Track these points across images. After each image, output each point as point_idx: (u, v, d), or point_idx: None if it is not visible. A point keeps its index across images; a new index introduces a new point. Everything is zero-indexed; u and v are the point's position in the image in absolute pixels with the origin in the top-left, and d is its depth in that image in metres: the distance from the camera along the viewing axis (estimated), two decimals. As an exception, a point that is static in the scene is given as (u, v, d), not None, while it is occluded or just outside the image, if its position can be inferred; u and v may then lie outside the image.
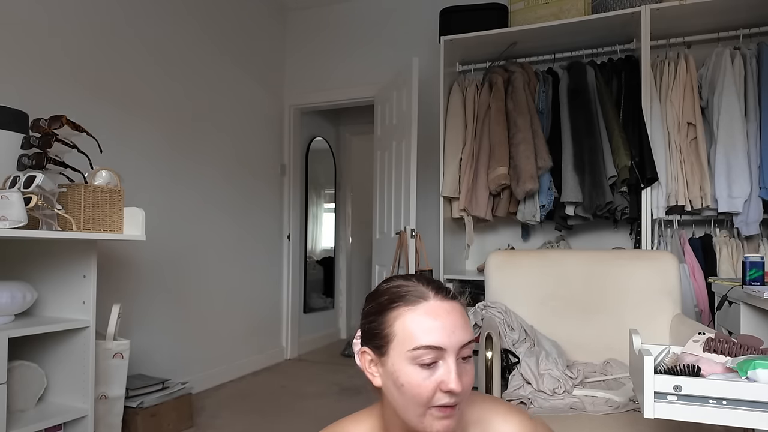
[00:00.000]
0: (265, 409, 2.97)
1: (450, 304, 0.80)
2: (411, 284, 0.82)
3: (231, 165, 3.63)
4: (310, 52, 4.23)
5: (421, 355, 0.77)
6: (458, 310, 0.81)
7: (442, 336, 0.77)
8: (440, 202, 3.16)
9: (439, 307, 0.79)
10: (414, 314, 0.78)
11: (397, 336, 0.78)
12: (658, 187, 2.74)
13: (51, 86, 2.43)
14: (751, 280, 1.80)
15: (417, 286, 0.81)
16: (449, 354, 0.77)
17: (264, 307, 4.00)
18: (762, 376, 0.98)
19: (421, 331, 0.77)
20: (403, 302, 0.80)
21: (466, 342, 0.79)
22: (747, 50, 2.70)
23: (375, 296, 0.86)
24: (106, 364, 2.12)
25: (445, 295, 0.81)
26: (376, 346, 0.82)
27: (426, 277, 0.84)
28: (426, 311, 0.78)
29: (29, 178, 1.76)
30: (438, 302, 0.80)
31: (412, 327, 0.78)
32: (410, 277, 0.85)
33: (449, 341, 0.77)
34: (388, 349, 0.79)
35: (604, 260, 2.06)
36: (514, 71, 3.05)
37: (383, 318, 0.81)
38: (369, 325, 0.83)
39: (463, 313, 0.82)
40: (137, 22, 2.90)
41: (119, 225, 2.00)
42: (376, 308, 0.83)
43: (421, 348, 0.76)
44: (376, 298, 0.85)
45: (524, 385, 1.69)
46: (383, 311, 0.81)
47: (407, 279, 0.84)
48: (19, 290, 1.85)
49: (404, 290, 0.81)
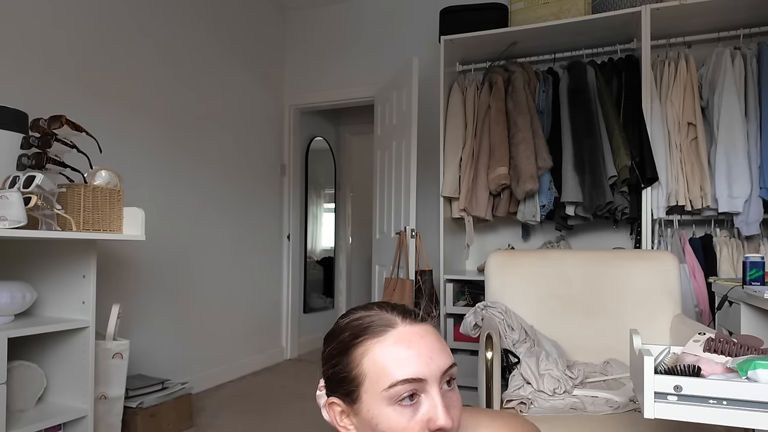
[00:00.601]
0: (265, 409, 2.97)
1: (421, 327, 0.71)
2: (373, 313, 0.73)
3: (231, 165, 3.63)
4: (310, 52, 4.23)
5: (400, 392, 0.66)
6: (432, 333, 0.72)
7: (420, 365, 0.67)
8: (440, 202, 3.16)
9: (411, 333, 0.70)
10: (383, 346, 0.68)
11: (368, 375, 0.68)
12: (659, 187, 2.74)
13: (51, 86, 2.43)
14: (751, 280, 1.79)
15: (380, 314, 0.72)
16: (431, 385, 0.68)
17: (264, 307, 4.00)
18: (762, 376, 0.98)
19: (395, 363, 0.67)
20: (368, 335, 0.70)
21: (447, 367, 0.70)
22: (747, 50, 2.70)
23: (334, 335, 0.75)
24: (105, 364, 2.12)
25: (414, 318, 0.72)
26: (345, 392, 0.71)
27: (389, 303, 0.75)
28: (396, 340, 0.68)
29: (29, 178, 1.75)
30: (408, 327, 0.70)
31: (384, 361, 0.67)
32: (371, 306, 0.75)
33: (428, 370, 0.67)
34: (360, 393, 0.68)
35: (605, 260, 2.05)
36: (514, 71, 3.05)
37: (348, 358, 0.70)
38: (333, 369, 0.73)
39: (438, 335, 0.73)
40: (137, 24, 2.90)
41: (119, 225, 2.00)
42: (338, 348, 0.72)
43: (398, 383, 0.66)
44: (336, 337, 0.74)
45: (524, 386, 1.69)
46: (347, 350, 0.71)
47: (368, 309, 0.75)
48: (19, 290, 1.84)
49: (367, 321, 0.71)
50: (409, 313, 0.73)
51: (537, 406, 1.58)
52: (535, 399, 1.62)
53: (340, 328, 0.74)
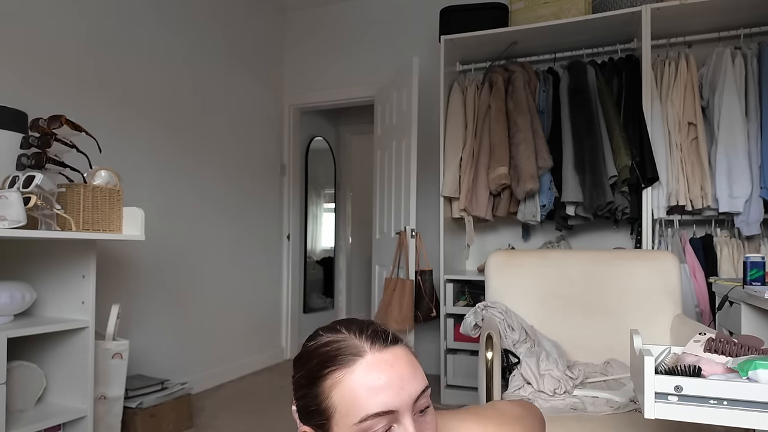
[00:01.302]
0: (265, 409, 2.97)
1: (391, 352, 0.68)
2: (341, 338, 0.69)
3: (231, 165, 3.63)
4: (309, 52, 4.22)
5: (371, 426, 0.64)
6: (402, 357, 0.68)
7: (391, 395, 0.64)
8: (440, 202, 3.15)
9: (381, 361, 0.66)
10: (352, 377, 0.65)
11: (338, 409, 0.65)
12: (659, 186, 2.74)
13: (51, 86, 2.43)
14: (751, 280, 1.79)
15: (348, 340, 0.68)
16: (403, 415, 0.65)
17: (264, 307, 4.00)
18: (763, 376, 0.98)
19: (365, 396, 0.64)
20: (336, 365, 0.66)
21: (419, 393, 0.67)
22: (748, 50, 2.70)
23: (302, 361, 0.72)
24: (105, 364, 2.12)
25: (384, 342, 0.68)
26: (316, 425, 0.68)
27: (357, 323, 0.71)
28: (366, 370, 0.65)
29: (28, 178, 1.75)
30: (377, 355, 0.66)
31: (353, 394, 0.64)
32: (338, 328, 0.71)
33: (399, 399, 0.65)
34: (331, 426, 0.66)
35: (605, 260, 2.05)
36: (514, 71, 3.05)
37: (317, 390, 0.67)
38: (302, 401, 0.70)
39: (409, 357, 0.69)
40: (137, 24, 2.90)
41: (118, 225, 2.00)
42: (306, 378, 0.69)
43: (369, 418, 0.64)
44: (304, 364, 0.71)
45: (525, 386, 1.69)
46: (315, 381, 0.68)
47: (335, 332, 0.71)
48: (19, 290, 1.84)
49: (335, 348, 0.68)
50: (379, 336, 0.69)
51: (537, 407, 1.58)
52: (535, 399, 1.62)
53: (308, 353, 0.71)
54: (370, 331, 0.69)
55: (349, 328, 0.71)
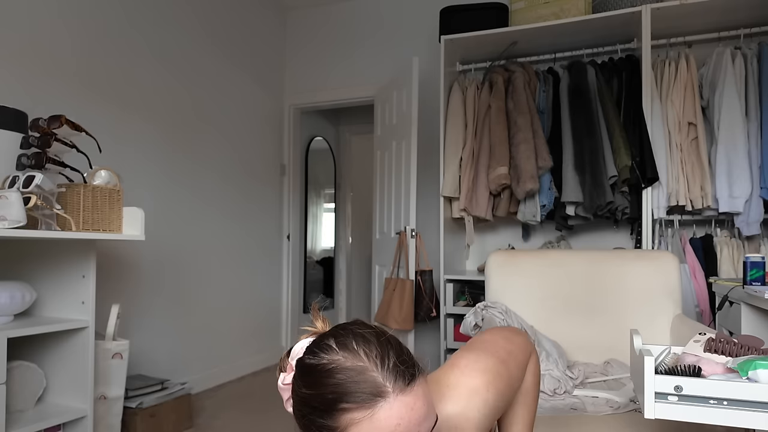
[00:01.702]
0: (265, 409, 2.97)
1: (413, 393, 0.64)
2: (360, 367, 0.63)
3: (231, 165, 3.63)
4: (310, 52, 4.22)
5: None
6: (421, 396, 0.65)
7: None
8: (440, 202, 3.15)
9: (403, 406, 0.62)
10: (372, 423, 0.61)
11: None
12: (659, 187, 2.74)
13: (51, 86, 2.43)
14: (751, 280, 1.79)
15: (368, 371, 0.63)
16: None
17: (264, 307, 4.00)
18: (763, 376, 0.98)
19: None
20: (355, 402, 0.62)
21: (431, 428, 0.66)
22: (748, 50, 2.70)
23: (312, 379, 0.66)
24: (105, 364, 2.12)
25: (406, 380, 0.64)
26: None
27: (375, 344, 0.66)
28: (387, 415, 0.61)
29: (28, 178, 1.75)
30: (400, 399, 0.62)
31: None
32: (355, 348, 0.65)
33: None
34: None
35: (605, 260, 2.05)
36: (514, 71, 3.05)
37: (331, 422, 0.63)
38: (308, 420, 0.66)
39: (426, 393, 0.66)
40: (137, 22, 2.90)
41: (118, 225, 2.00)
42: (318, 402, 0.64)
43: None
44: (314, 383, 0.65)
45: (524, 386, 1.69)
46: (329, 411, 0.63)
47: (352, 353, 0.65)
48: (19, 290, 1.84)
49: (353, 380, 0.62)
50: (401, 372, 0.64)
51: (537, 407, 1.58)
52: (535, 399, 1.62)
53: (319, 373, 0.65)
54: (392, 363, 0.64)
55: (368, 352, 0.65)
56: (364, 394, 0.62)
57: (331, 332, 0.70)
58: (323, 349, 0.67)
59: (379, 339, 0.67)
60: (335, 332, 0.69)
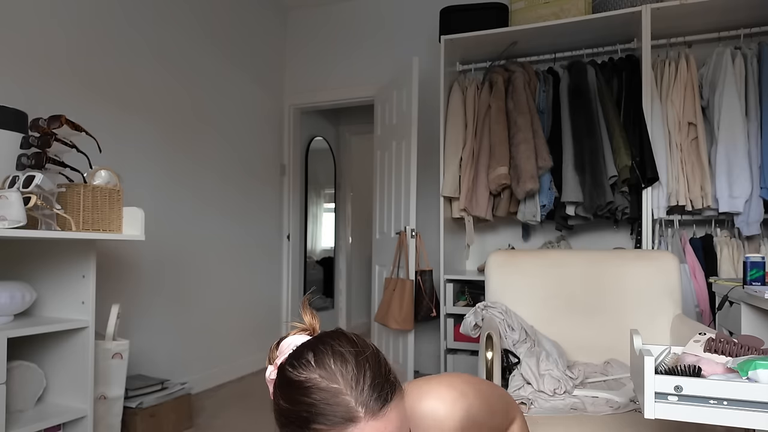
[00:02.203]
0: (264, 409, 2.96)
1: (385, 419, 0.64)
2: (334, 389, 0.64)
3: (231, 165, 3.63)
4: (310, 52, 4.23)
5: None
6: (393, 421, 0.65)
7: None
8: (440, 202, 3.15)
9: (374, 431, 0.63)
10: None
11: None
12: (659, 186, 2.74)
13: (50, 86, 2.43)
14: (751, 280, 1.79)
15: (341, 395, 0.64)
16: None
17: (264, 307, 4.00)
18: (763, 376, 0.98)
19: None
20: (325, 424, 0.63)
21: None
22: (748, 50, 2.70)
23: (291, 394, 0.67)
24: (105, 364, 2.12)
25: (379, 404, 0.64)
26: None
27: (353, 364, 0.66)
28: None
29: (28, 178, 1.75)
30: (372, 423, 0.63)
31: None
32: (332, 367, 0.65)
33: None
34: None
35: (605, 260, 2.05)
36: (514, 71, 3.05)
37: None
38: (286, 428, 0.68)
39: (400, 418, 0.67)
40: (137, 22, 2.90)
41: (118, 225, 2.00)
42: (294, 418, 0.66)
43: None
44: (292, 399, 0.67)
45: (525, 386, 1.69)
46: (302, 428, 0.65)
47: (328, 372, 0.65)
48: (19, 290, 1.84)
49: (325, 402, 0.63)
50: (375, 396, 0.64)
51: (537, 407, 1.58)
52: (535, 399, 1.62)
53: (296, 388, 0.66)
54: (366, 387, 0.64)
55: (344, 373, 0.65)
56: (336, 417, 0.63)
57: (313, 344, 0.70)
58: (302, 365, 0.67)
59: (357, 358, 0.67)
60: (316, 346, 0.69)
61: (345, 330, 0.74)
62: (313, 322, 0.78)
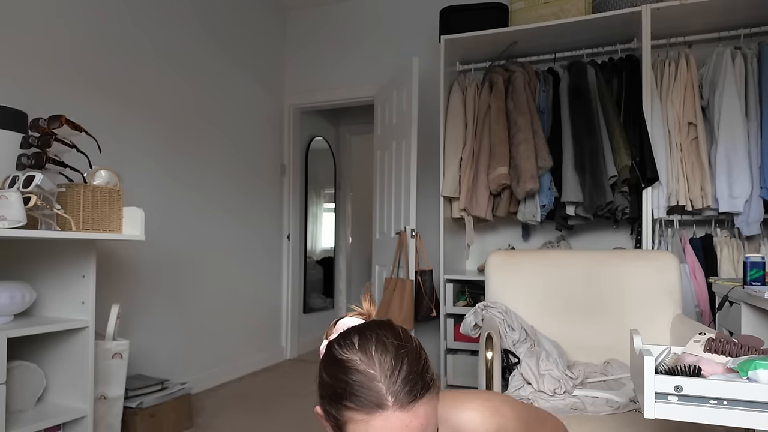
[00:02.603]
0: (265, 409, 2.97)
1: (412, 412, 0.68)
2: (371, 374, 0.68)
3: (231, 165, 3.63)
4: (310, 52, 4.23)
5: None
6: (421, 416, 0.68)
7: None
8: (440, 202, 3.16)
9: (398, 421, 0.67)
10: (366, 427, 0.67)
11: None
12: (659, 187, 2.74)
13: (50, 86, 2.43)
14: (751, 280, 1.79)
15: (375, 381, 0.68)
16: None
17: (264, 307, 4.00)
18: (763, 376, 0.98)
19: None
20: (356, 404, 0.68)
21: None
22: (748, 50, 2.70)
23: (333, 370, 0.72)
24: (105, 364, 2.12)
25: (409, 399, 0.68)
26: (331, 424, 0.73)
27: (391, 355, 0.69)
28: (380, 426, 0.67)
29: (28, 178, 1.75)
30: (397, 415, 0.67)
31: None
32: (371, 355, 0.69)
33: None
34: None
35: (605, 260, 2.05)
36: (514, 71, 3.05)
37: (336, 412, 0.71)
38: (325, 407, 0.74)
39: (428, 413, 0.70)
40: (137, 22, 2.90)
41: (118, 225, 2.00)
42: (331, 391, 0.71)
43: None
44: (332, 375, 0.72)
45: (524, 386, 1.69)
46: (336, 402, 0.70)
47: (368, 357, 0.69)
48: (19, 290, 1.84)
49: (359, 385, 0.68)
50: (406, 391, 0.68)
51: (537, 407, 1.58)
52: (535, 399, 1.62)
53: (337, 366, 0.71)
54: (400, 379, 0.68)
55: (382, 361, 0.69)
56: (366, 401, 0.67)
57: (361, 329, 0.75)
58: (347, 345, 0.73)
59: (397, 351, 0.70)
60: (363, 331, 0.74)
61: (394, 323, 0.77)
62: (369, 309, 0.82)
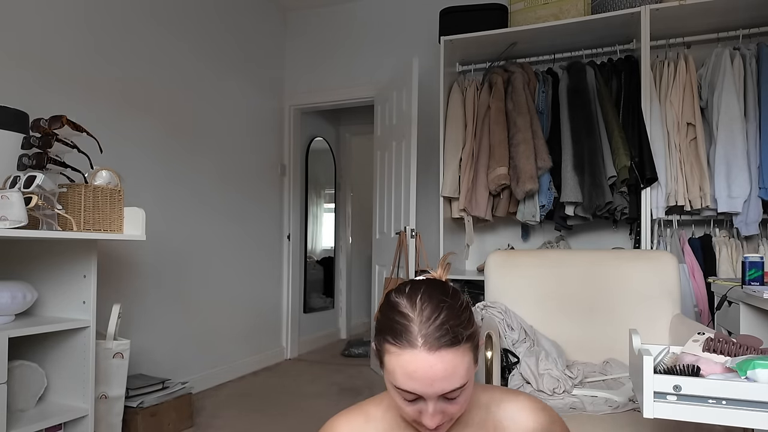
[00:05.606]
0: (265, 409, 2.97)
1: (438, 356, 0.76)
2: (411, 317, 0.78)
3: (231, 165, 3.63)
4: (310, 52, 4.23)
5: (401, 393, 0.79)
6: (447, 361, 0.76)
7: (419, 387, 0.77)
8: (440, 202, 3.16)
9: (423, 361, 0.76)
10: (398, 359, 0.77)
11: (387, 366, 0.80)
12: (658, 187, 2.74)
13: (52, 86, 2.43)
14: (750, 280, 1.80)
15: (413, 325, 0.77)
16: (429, 399, 0.78)
17: (264, 307, 4.00)
18: (761, 375, 0.98)
19: (402, 377, 0.77)
20: (394, 339, 0.78)
21: (447, 391, 0.77)
22: (746, 50, 2.71)
23: (385, 308, 0.84)
24: (106, 363, 2.12)
25: (437, 344, 0.76)
26: (377, 354, 0.84)
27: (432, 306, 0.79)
28: (409, 359, 0.76)
29: (29, 178, 1.76)
30: (423, 355, 0.76)
31: (395, 370, 0.78)
32: (414, 301, 0.80)
33: (427, 392, 0.77)
34: (384, 363, 0.82)
35: (604, 260, 2.06)
36: (513, 71, 3.05)
37: (380, 342, 0.82)
38: (375, 334, 0.84)
39: (455, 362, 0.77)
40: (137, 23, 2.90)
41: (119, 225, 2.01)
42: (380, 326, 0.83)
43: (401, 389, 0.79)
44: (383, 312, 0.83)
45: (524, 385, 1.70)
46: (381, 335, 0.81)
47: (411, 303, 0.80)
48: (20, 290, 1.85)
49: (400, 325, 0.78)
50: (436, 336, 0.76)
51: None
52: (534, 399, 1.62)
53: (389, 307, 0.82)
54: (434, 326, 0.77)
55: (422, 308, 0.78)
56: (400, 337, 0.77)
57: (417, 282, 0.84)
58: (400, 291, 0.83)
59: (439, 303, 0.79)
60: (417, 283, 0.84)
61: (450, 283, 0.86)
62: (441, 273, 0.90)
